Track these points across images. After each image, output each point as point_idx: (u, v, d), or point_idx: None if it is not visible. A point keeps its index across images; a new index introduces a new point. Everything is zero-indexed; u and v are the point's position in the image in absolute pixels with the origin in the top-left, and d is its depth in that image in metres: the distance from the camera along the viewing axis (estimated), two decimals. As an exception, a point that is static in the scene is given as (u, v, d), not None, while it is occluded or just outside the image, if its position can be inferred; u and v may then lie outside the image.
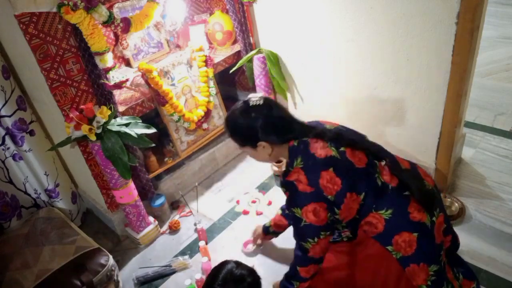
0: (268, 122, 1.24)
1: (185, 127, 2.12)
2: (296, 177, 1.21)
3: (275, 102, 1.32)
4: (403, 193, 1.22)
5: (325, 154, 1.19)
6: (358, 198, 1.20)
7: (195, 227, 1.98)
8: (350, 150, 1.23)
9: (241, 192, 2.18)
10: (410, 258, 1.19)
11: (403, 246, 1.18)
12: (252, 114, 1.24)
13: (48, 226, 1.83)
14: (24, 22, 1.41)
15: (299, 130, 1.26)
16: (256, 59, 2.20)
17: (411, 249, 1.18)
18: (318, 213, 1.19)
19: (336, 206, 1.20)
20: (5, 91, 1.70)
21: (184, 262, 1.79)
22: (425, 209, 1.21)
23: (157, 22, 2.13)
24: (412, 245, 1.17)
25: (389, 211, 1.19)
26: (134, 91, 1.93)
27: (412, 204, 1.20)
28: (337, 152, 1.21)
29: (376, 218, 1.20)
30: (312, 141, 1.23)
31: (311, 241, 1.25)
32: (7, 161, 1.81)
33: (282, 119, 1.26)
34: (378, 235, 1.21)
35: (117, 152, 1.62)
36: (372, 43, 1.81)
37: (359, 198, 1.20)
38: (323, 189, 1.18)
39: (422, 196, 1.21)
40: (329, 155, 1.19)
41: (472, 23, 1.48)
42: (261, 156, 1.31)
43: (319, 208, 1.19)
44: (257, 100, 1.24)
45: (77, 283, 1.56)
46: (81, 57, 1.60)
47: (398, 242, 1.18)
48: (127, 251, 1.94)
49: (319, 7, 1.90)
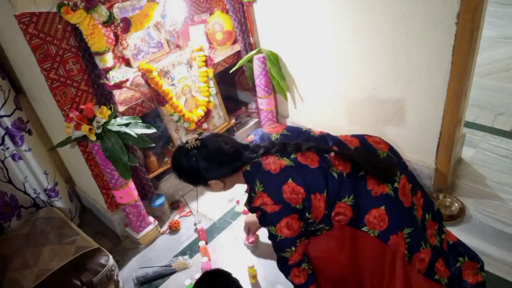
0: (210, 161, 1.28)
1: (185, 127, 2.12)
2: (261, 201, 1.24)
3: (212, 136, 1.34)
4: (358, 174, 1.26)
5: (279, 167, 1.23)
6: (322, 197, 1.24)
7: (195, 227, 1.98)
8: (300, 154, 1.26)
9: (241, 192, 2.18)
10: (387, 231, 1.22)
11: (376, 223, 1.22)
12: (192, 157, 1.28)
13: (48, 226, 1.83)
14: (24, 22, 1.41)
15: (246, 155, 1.29)
16: (256, 59, 2.20)
17: (384, 222, 1.22)
18: (291, 226, 1.24)
19: (306, 211, 1.25)
20: (3, 90, 1.70)
21: (184, 262, 1.79)
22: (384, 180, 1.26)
23: (157, 22, 2.12)
24: (384, 218, 1.22)
25: (351, 197, 1.24)
26: (134, 91, 1.93)
27: (370, 182, 1.25)
28: (290, 160, 1.24)
29: (343, 207, 1.25)
30: (263, 159, 1.26)
31: (289, 251, 1.30)
32: (7, 161, 1.81)
33: (223, 153, 1.29)
34: (350, 221, 1.26)
35: (117, 152, 1.62)
36: (372, 43, 1.81)
37: (323, 196, 1.24)
38: (290, 202, 1.22)
39: (377, 171, 1.25)
40: (283, 166, 1.23)
41: (472, 23, 1.48)
42: (216, 190, 1.37)
43: (291, 220, 1.24)
44: (193, 142, 1.29)
45: (77, 283, 1.56)
46: (81, 57, 1.60)
47: (370, 221, 1.23)
48: (127, 251, 1.94)
49: (319, 7, 1.90)
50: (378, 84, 1.89)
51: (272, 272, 1.69)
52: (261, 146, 1.30)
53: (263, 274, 1.70)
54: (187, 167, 1.31)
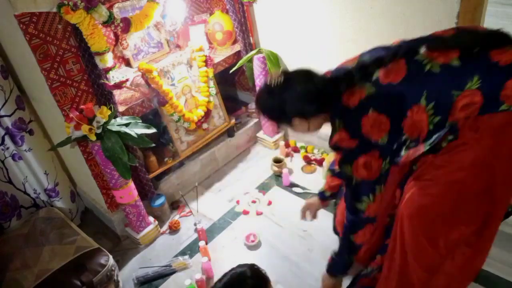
0: (294, 98, 1.17)
1: (185, 127, 2.12)
2: (337, 137, 1.15)
3: (297, 74, 1.23)
4: (471, 55, 1.04)
5: (358, 100, 1.10)
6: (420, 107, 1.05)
7: (195, 227, 1.98)
8: (382, 72, 1.09)
9: (241, 192, 2.18)
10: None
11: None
12: (276, 94, 1.19)
13: (48, 226, 1.83)
14: (24, 22, 1.41)
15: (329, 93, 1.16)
16: (256, 59, 2.20)
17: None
18: (370, 165, 1.12)
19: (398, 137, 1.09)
20: (4, 90, 1.71)
21: (184, 262, 1.79)
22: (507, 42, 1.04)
23: (157, 22, 2.13)
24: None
25: (475, 78, 1.01)
26: (134, 91, 1.93)
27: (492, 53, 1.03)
28: (370, 86, 1.10)
29: (467, 96, 1.02)
30: (344, 96, 1.14)
31: (366, 200, 1.17)
32: (7, 161, 1.82)
33: (308, 90, 1.17)
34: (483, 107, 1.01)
35: (117, 152, 1.62)
36: (372, 43, 1.78)
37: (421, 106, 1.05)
38: (370, 136, 1.09)
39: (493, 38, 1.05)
40: (363, 98, 1.10)
41: (472, 23, 1.48)
42: (300, 129, 1.25)
43: (371, 159, 1.11)
44: (277, 79, 1.20)
45: (77, 283, 1.56)
46: (81, 57, 1.60)
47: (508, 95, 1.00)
48: (127, 251, 1.94)
49: (319, 7, 1.90)
50: (378, 84, 1.89)
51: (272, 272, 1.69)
52: (342, 79, 1.15)
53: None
54: (271, 104, 1.21)
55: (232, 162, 2.44)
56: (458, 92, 1.03)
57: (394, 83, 1.07)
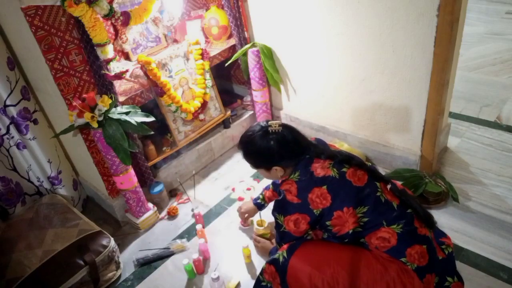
0: (285, 148, 1.32)
1: (182, 118, 2.20)
2: (288, 187, 1.30)
3: (292, 127, 1.39)
4: (406, 210, 1.28)
5: (323, 174, 1.27)
6: (353, 212, 1.25)
7: (192, 213, 2.06)
8: (352, 170, 1.29)
9: (237, 180, 2.27)
10: (425, 268, 1.22)
11: (417, 258, 1.22)
12: (271, 140, 1.32)
13: (51, 212, 1.91)
14: (30, 15, 1.49)
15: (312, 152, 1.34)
16: (250, 53, 2.29)
17: (424, 260, 1.22)
18: (299, 224, 1.29)
19: (325, 219, 1.27)
20: (10, 81, 1.79)
21: (182, 244, 1.87)
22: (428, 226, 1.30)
23: (155, 17, 2.21)
24: (424, 256, 1.22)
25: (400, 225, 1.24)
26: (134, 83, 2.01)
27: (416, 220, 1.27)
28: (337, 173, 1.27)
29: (389, 233, 1.24)
30: (315, 160, 1.31)
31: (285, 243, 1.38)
32: (11, 149, 1.89)
33: (298, 144, 1.34)
34: (392, 248, 1.24)
35: (118, 138, 1.71)
36: (360, 36, 1.90)
37: (354, 211, 1.25)
38: (310, 203, 1.26)
39: (423, 214, 1.30)
40: (327, 175, 1.27)
41: (451, 15, 1.57)
42: (273, 177, 1.41)
43: (302, 219, 1.28)
44: (276, 126, 1.33)
45: (80, 262, 1.64)
46: (84, 48, 1.68)
47: (411, 254, 1.22)
48: (128, 235, 2.02)
49: (310, 2, 1.99)
50: (366, 75, 1.99)
51: (265, 252, 1.78)
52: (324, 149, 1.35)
53: (257, 254, 1.78)
54: (260, 147, 1.33)
55: (228, 153, 2.53)
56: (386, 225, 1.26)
57: (354, 184, 1.27)
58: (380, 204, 1.26)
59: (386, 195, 1.29)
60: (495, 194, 1.91)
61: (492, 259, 1.61)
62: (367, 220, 1.25)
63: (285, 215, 1.31)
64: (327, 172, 1.27)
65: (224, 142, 2.50)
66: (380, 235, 1.25)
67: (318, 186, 1.26)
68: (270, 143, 1.32)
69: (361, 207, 1.25)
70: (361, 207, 1.25)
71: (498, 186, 1.95)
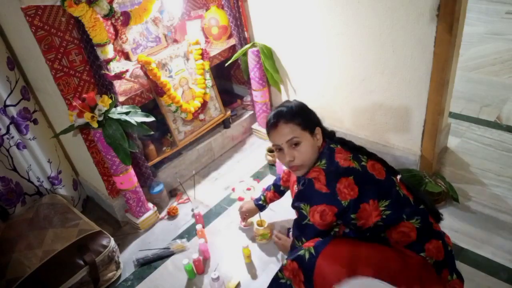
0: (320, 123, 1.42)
1: (182, 118, 2.20)
2: (316, 175, 1.27)
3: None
4: (419, 206, 1.31)
5: (348, 165, 1.27)
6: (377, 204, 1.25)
7: (192, 213, 2.06)
8: (370, 163, 1.31)
9: (237, 180, 2.27)
10: (442, 263, 1.26)
11: (435, 252, 1.25)
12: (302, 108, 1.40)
13: (51, 212, 1.90)
14: (30, 15, 1.49)
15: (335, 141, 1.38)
16: (250, 53, 2.29)
17: (441, 254, 1.25)
18: (325, 216, 1.25)
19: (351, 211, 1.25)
20: (10, 81, 1.79)
21: (182, 244, 1.87)
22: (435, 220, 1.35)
23: (155, 17, 2.21)
24: (441, 251, 1.25)
25: (418, 220, 1.26)
26: (134, 83, 2.01)
27: (429, 216, 1.31)
28: (359, 166, 1.28)
29: (409, 228, 1.25)
30: (337, 150, 1.32)
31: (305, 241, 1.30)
32: (11, 149, 1.89)
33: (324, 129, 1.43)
34: (412, 243, 1.25)
35: (118, 138, 1.71)
36: (360, 36, 1.90)
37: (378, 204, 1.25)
38: (338, 193, 1.23)
39: (433, 210, 1.35)
40: (351, 166, 1.27)
41: (451, 15, 1.57)
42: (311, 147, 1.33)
43: (328, 211, 1.24)
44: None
45: (80, 262, 1.64)
46: (84, 48, 1.68)
47: (429, 249, 1.24)
48: (127, 235, 2.02)
49: (310, 2, 1.99)
50: (366, 76, 1.99)
51: (265, 252, 1.78)
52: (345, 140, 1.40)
53: (257, 254, 1.78)
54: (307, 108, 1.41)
55: (228, 153, 2.53)
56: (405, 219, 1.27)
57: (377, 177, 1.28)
58: (400, 198, 1.28)
59: (403, 190, 1.31)
60: (495, 194, 1.91)
61: (492, 259, 1.61)
62: (389, 213, 1.25)
63: (311, 205, 1.26)
64: (350, 164, 1.27)
65: (224, 142, 2.50)
66: (400, 229, 1.25)
67: (345, 176, 1.24)
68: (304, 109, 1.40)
69: (383, 201, 1.25)
70: (383, 201, 1.25)
71: (498, 186, 1.95)
